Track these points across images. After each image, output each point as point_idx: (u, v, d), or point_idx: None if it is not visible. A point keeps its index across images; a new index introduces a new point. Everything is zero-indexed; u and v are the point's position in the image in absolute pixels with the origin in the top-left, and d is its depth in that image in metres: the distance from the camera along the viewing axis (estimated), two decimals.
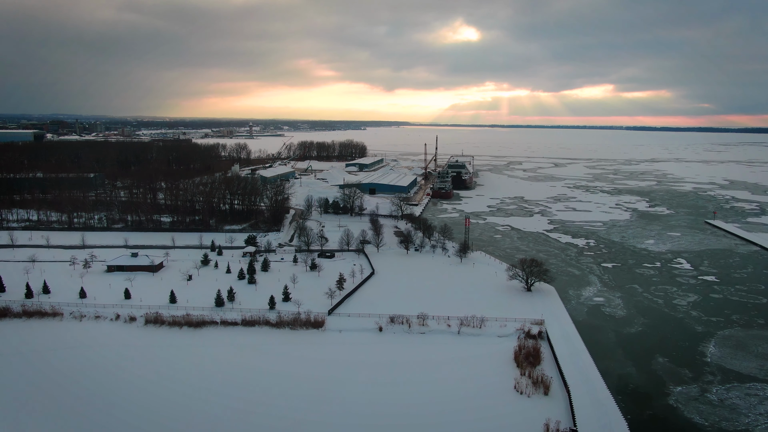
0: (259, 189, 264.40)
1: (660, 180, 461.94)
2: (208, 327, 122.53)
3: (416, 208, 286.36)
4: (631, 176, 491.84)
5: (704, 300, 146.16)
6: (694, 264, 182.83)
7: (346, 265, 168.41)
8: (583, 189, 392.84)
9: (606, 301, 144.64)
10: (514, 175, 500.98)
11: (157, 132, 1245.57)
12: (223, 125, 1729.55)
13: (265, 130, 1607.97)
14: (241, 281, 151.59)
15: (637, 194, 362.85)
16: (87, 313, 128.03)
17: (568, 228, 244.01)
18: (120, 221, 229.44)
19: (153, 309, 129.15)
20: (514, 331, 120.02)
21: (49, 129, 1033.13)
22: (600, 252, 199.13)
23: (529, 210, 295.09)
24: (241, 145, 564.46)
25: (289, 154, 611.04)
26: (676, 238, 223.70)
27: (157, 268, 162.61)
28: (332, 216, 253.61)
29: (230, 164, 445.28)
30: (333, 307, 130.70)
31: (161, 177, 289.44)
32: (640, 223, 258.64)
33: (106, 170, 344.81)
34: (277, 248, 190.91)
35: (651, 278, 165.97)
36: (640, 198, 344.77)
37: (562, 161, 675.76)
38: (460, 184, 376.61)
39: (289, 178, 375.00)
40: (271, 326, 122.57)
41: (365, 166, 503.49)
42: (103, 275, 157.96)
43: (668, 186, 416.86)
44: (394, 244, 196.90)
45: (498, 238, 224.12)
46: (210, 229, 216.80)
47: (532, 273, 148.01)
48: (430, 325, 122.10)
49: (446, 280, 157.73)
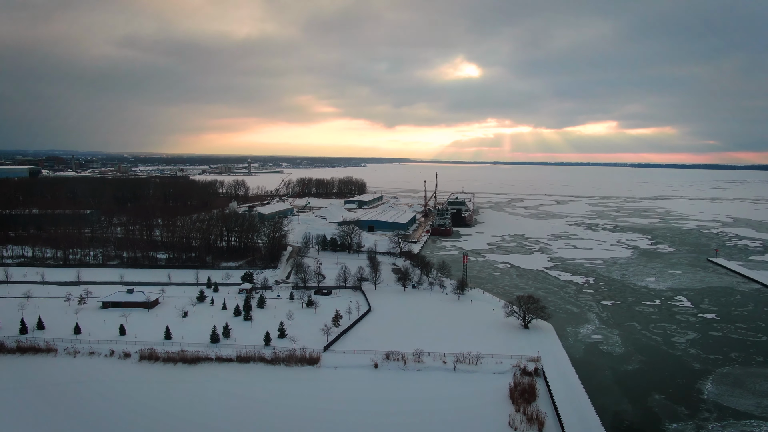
0: (256, 226, 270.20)
1: (663, 217, 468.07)
2: (202, 363, 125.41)
3: (415, 245, 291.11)
4: (633, 214, 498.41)
5: (703, 338, 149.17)
6: (694, 302, 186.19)
7: (342, 302, 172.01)
8: (584, 226, 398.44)
9: (604, 338, 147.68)
10: (515, 212, 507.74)
11: (154, 168, 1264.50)
12: (221, 161, 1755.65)
13: (263, 167, 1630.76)
14: (237, 318, 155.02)
15: (640, 232, 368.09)
16: (81, 349, 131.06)
17: (568, 266, 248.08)
18: (116, 258, 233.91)
19: (148, 345, 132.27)
20: (510, 367, 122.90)
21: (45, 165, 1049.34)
22: (599, 290, 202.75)
23: (529, 247, 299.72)
24: (239, 182, 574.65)
25: (288, 191, 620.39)
26: (677, 276, 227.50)
27: (153, 305, 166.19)
28: (330, 253, 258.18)
29: (228, 201, 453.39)
30: (329, 344, 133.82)
31: (158, 213, 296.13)
32: (641, 260, 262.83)
33: (103, 206, 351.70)
34: (274, 285, 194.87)
35: (650, 316, 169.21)
36: (642, 235, 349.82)
37: (564, 198, 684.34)
38: (460, 221, 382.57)
39: (287, 215, 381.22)
40: (266, 363, 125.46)
41: (364, 203, 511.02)
42: (98, 311, 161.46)
43: (671, 223, 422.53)
44: (391, 281, 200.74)
45: (497, 275, 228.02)
46: (206, 265, 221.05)
47: (529, 310, 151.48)
48: (426, 362, 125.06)
49: (443, 317, 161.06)
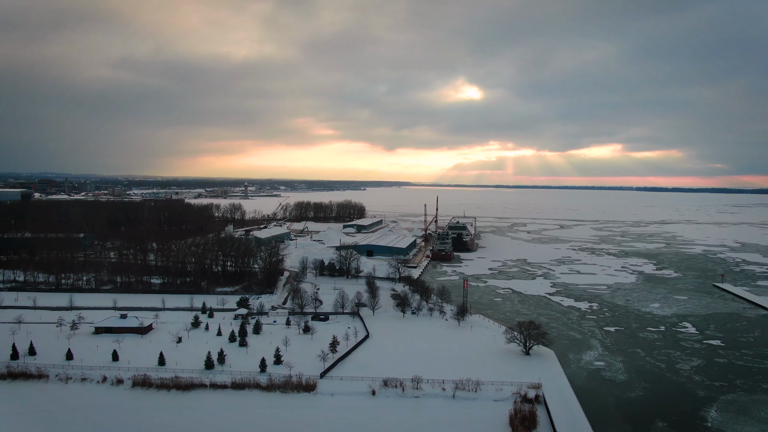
0: (253, 250, 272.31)
1: (669, 242, 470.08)
2: (197, 390, 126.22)
3: (415, 270, 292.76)
4: (639, 238, 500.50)
5: (708, 364, 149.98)
6: (699, 328, 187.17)
7: (340, 328, 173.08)
8: (588, 251, 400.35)
9: (606, 365, 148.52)
10: (517, 236, 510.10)
11: (148, 192, 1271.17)
12: (217, 185, 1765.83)
13: (260, 190, 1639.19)
14: (232, 344, 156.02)
15: (645, 257, 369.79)
16: (73, 375, 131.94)
17: (571, 291, 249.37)
18: (109, 282, 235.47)
19: (141, 371, 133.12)
20: (510, 394, 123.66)
21: (38, 188, 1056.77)
22: (603, 315, 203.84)
23: (532, 273, 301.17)
24: (235, 206, 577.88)
25: (285, 215, 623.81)
26: (682, 302, 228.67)
27: (146, 330, 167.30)
28: (327, 278, 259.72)
29: (224, 225, 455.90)
30: (325, 370, 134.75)
31: (152, 238, 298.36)
32: (646, 286, 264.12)
33: (96, 230, 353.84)
34: (270, 311, 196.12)
35: (654, 342, 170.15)
36: (647, 260, 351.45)
37: (567, 223, 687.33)
38: (461, 246, 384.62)
39: (285, 240, 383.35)
40: (262, 389, 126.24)
41: (363, 227, 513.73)
42: (90, 337, 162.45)
43: (677, 248, 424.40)
44: (390, 307, 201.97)
45: (498, 301, 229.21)
46: (201, 291, 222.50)
47: (531, 336, 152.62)
48: (425, 389, 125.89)
49: (443, 343, 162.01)
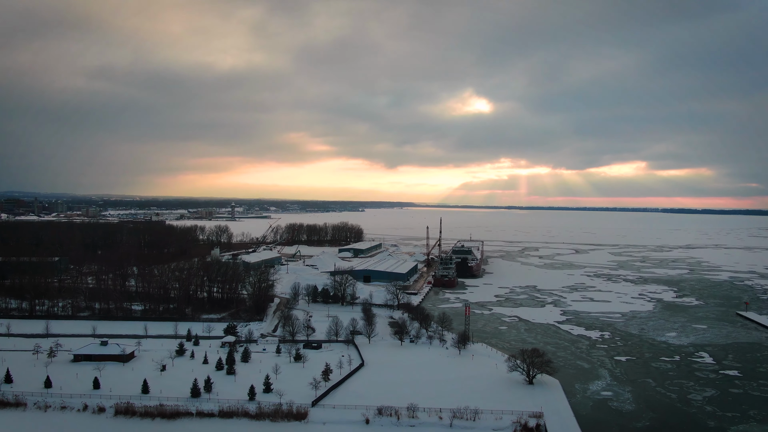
0: (240, 275, 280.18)
1: (693, 268, 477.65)
2: (182, 418, 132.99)
3: (415, 297, 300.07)
4: (660, 264, 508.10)
5: (722, 395, 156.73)
6: (716, 358, 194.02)
7: (333, 356, 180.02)
8: (604, 277, 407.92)
9: (614, 395, 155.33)
10: (528, 262, 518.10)
11: (126, 213, 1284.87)
12: (201, 205, 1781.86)
13: (249, 211, 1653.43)
14: (220, 372, 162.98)
15: (665, 283, 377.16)
16: (52, 403, 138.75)
17: (582, 319, 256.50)
18: (86, 309, 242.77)
19: (124, 399, 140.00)
20: (510, 423, 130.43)
21: (4, 208, 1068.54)
22: (614, 345, 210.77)
23: (541, 300, 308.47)
24: (221, 228, 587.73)
25: (276, 238, 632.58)
26: (701, 331, 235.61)
27: (128, 358, 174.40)
28: (321, 305, 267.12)
29: (208, 249, 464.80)
30: (317, 399, 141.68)
31: (132, 262, 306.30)
32: (664, 314, 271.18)
33: (71, 254, 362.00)
34: (259, 338, 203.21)
35: (667, 372, 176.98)
36: (667, 287, 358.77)
37: (583, 247, 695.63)
38: (466, 271, 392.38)
39: (275, 265, 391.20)
40: (251, 418, 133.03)
41: (361, 251, 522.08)
42: (69, 365, 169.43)
43: (701, 275, 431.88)
44: (387, 335, 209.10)
45: (503, 329, 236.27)
46: (186, 318, 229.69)
47: (534, 364, 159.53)
48: (421, 417, 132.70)
49: (442, 371, 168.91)
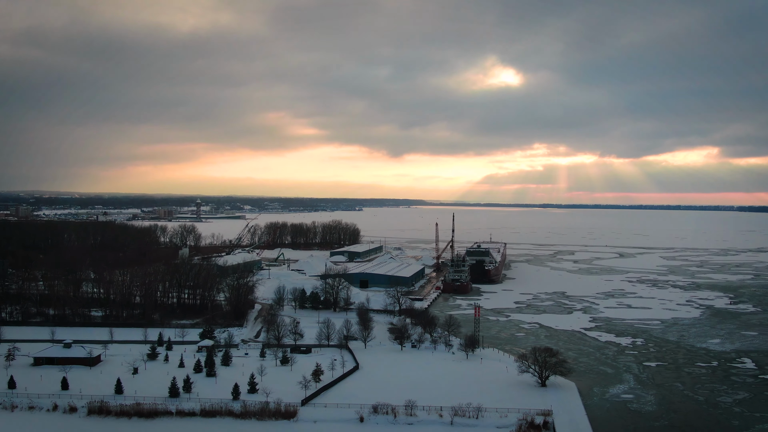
0: (215, 278, 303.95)
1: (759, 273, 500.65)
2: (161, 417, 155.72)
3: (421, 303, 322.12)
4: (720, 269, 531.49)
5: (755, 398, 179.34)
6: (759, 363, 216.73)
7: (324, 359, 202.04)
8: (648, 283, 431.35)
9: (635, 397, 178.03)
10: (559, 266, 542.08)
11: (64, 212, 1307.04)
12: (158, 203, 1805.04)
13: (218, 211, 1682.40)
14: (199, 374, 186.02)
15: (720, 289, 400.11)
16: (19, 404, 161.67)
17: (613, 326, 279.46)
18: (38, 314, 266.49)
19: (97, 398, 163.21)
20: (515, 421, 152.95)
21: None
22: (645, 351, 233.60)
23: (569, 307, 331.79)
24: (187, 228, 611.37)
25: (254, 241, 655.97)
26: (749, 338, 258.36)
27: (95, 362, 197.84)
28: (310, 311, 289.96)
29: (173, 251, 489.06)
30: (308, 398, 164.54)
31: (86, 265, 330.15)
32: (711, 321, 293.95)
33: (9, 257, 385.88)
34: (241, 344, 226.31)
35: (700, 377, 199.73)
36: (722, 294, 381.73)
37: (630, 251, 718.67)
38: (481, 275, 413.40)
39: (254, 268, 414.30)
40: (235, 417, 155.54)
41: (357, 254, 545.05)
42: (30, 368, 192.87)
43: (767, 280, 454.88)
44: (386, 340, 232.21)
45: (520, 336, 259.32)
46: (155, 324, 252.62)
47: (547, 365, 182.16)
48: (419, 415, 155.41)
49: (445, 374, 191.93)
